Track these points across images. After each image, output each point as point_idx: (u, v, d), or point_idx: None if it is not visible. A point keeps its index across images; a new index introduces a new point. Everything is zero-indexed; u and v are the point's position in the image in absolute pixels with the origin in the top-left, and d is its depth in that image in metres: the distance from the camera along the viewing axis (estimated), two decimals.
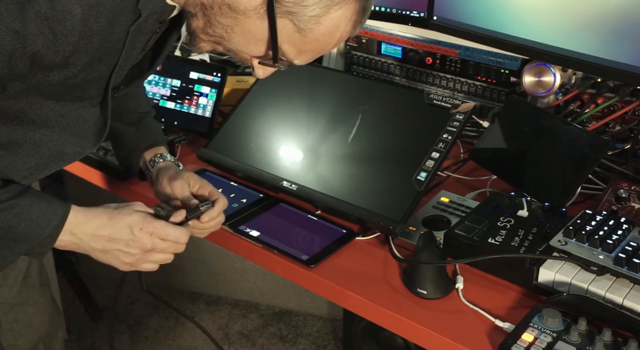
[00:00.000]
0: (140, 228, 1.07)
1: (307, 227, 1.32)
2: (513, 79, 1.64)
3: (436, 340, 1.06)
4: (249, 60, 1.06)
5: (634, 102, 1.45)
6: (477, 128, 1.63)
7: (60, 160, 1.10)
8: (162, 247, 1.09)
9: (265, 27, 0.99)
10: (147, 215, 1.09)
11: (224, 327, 2.48)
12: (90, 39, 0.91)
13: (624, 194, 1.29)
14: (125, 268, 1.10)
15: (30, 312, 1.50)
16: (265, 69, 1.07)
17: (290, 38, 1.00)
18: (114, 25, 0.93)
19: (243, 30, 1.00)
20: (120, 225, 1.06)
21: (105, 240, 1.06)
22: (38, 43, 0.88)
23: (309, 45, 1.02)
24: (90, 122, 1.08)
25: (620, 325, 1.01)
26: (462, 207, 1.33)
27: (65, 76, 0.96)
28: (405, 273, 1.18)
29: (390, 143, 1.38)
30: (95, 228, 1.06)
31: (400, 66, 1.82)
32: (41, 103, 1.01)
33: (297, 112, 1.50)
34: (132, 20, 0.96)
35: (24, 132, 1.03)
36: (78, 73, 0.96)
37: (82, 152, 1.11)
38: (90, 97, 1.05)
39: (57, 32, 0.88)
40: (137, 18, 0.96)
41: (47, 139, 1.06)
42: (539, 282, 1.11)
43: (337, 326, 2.45)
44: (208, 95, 1.64)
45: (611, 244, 1.09)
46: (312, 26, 0.98)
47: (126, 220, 1.07)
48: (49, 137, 1.06)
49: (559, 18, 1.39)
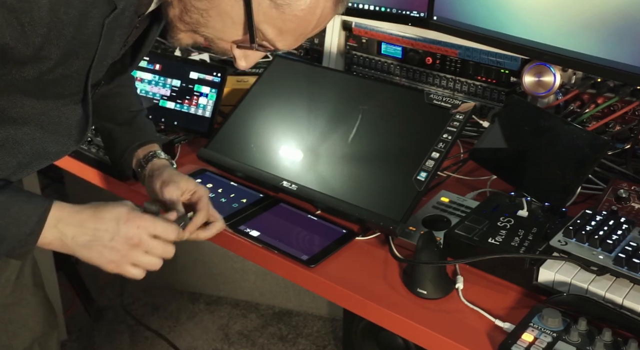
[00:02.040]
0: (126, 220, 1.02)
1: (307, 227, 1.32)
2: (513, 79, 1.64)
3: (436, 340, 1.06)
4: (229, 50, 1.04)
5: (634, 102, 1.45)
6: (477, 128, 1.63)
7: (43, 159, 1.07)
8: (150, 245, 1.04)
9: (241, 5, 0.96)
10: (135, 208, 1.05)
11: (224, 327, 2.48)
12: (61, 31, 0.90)
13: (624, 194, 1.29)
14: (110, 267, 1.04)
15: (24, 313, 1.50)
16: (247, 56, 1.04)
17: (268, 16, 0.97)
18: (86, 17, 0.91)
19: (219, 12, 0.98)
20: (105, 217, 1.02)
21: (89, 235, 1.01)
22: (6, 35, 0.87)
23: (289, 24, 0.98)
24: (73, 119, 1.06)
25: (620, 325, 1.01)
26: (462, 207, 1.33)
27: (40, 71, 0.94)
28: (405, 273, 1.18)
29: (390, 143, 1.38)
30: (79, 221, 1.01)
31: (400, 66, 1.82)
32: (22, 101, 0.99)
33: (297, 112, 1.50)
34: (108, 13, 0.94)
35: (6, 131, 1.01)
36: (53, 68, 0.94)
37: (66, 150, 1.09)
38: (71, 94, 1.03)
39: (25, 23, 0.86)
40: (112, 10, 0.94)
41: (29, 138, 1.04)
42: (539, 282, 1.11)
43: (337, 326, 2.45)
44: (208, 95, 1.64)
45: (611, 244, 1.09)
46: (289, 0, 0.96)
47: (112, 213, 1.02)
48: (31, 135, 1.04)
49: (559, 18, 1.39)
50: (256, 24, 0.98)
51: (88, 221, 1.02)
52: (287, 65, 1.61)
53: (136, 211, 1.05)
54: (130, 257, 1.03)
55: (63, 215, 1.01)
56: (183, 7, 0.99)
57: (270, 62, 1.62)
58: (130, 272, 1.05)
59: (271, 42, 1.01)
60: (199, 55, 1.91)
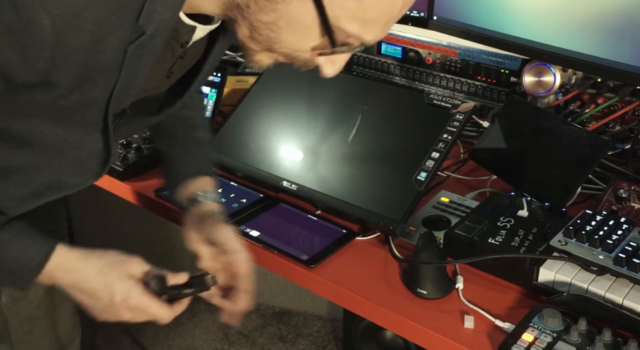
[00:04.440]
0: (123, 298, 0.98)
1: (307, 227, 1.32)
2: (513, 79, 1.64)
3: (436, 340, 1.06)
4: (313, 60, 0.92)
5: (634, 102, 1.45)
6: (477, 128, 1.63)
7: (57, 190, 1.03)
8: (142, 319, 1.01)
9: (311, 7, 0.84)
10: (136, 285, 1.00)
11: (224, 327, 2.48)
12: (68, 57, 0.81)
13: (624, 194, 1.29)
14: (102, 318, 1.02)
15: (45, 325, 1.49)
16: (333, 61, 0.93)
17: (345, 9, 0.84)
18: (101, 43, 0.82)
19: (288, 22, 0.86)
20: (104, 287, 0.98)
21: (85, 293, 0.99)
22: (6, 56, 0.79)
23: (371, 12, 0.85)
24: (94, 149, 0.99)
25: (620, 325, 1.01)
26: (462, 207, 1.33)
27: (53, 97, 0.86)
28: (405, 273, 1.18)
29: (390, 143, 1.38)
30: (77, 280, 0.99)
31: (400, 66, 1.82)
32: (41, 126, 0.92)
33: (297, 112, 1.50)
34: (132, 38, 0.84)
35: (23, 156, 0.96)
36: (67, 94, 0.87)
37: (83, 182, 1.04)
38: (92, 123, 0.95)
39: (25, 44, 0.78)
40: (138, 36, 0.84)
41: (46, 166, 0.98)
42: (539, 282, 1.11)
43: (337, 326, 2.45)
44: (208, 95, 1.64)
45: (611, 244, 1.09)
46: None
47: (112, 286, 0.98)
48: (49, 164, 0.98)
49: (559, 18, 1.39)
50: (333, 23, 0.85)
51: (86, 282, 0.99)
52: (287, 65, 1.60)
53: (136, 290, 1.00)
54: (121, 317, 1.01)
55: (62, 266, 0.98)
56: (249, 24, 0.87)
57: None
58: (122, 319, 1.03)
59: (357, 36, 0.88)
60: None
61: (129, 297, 0.99)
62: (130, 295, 0.99)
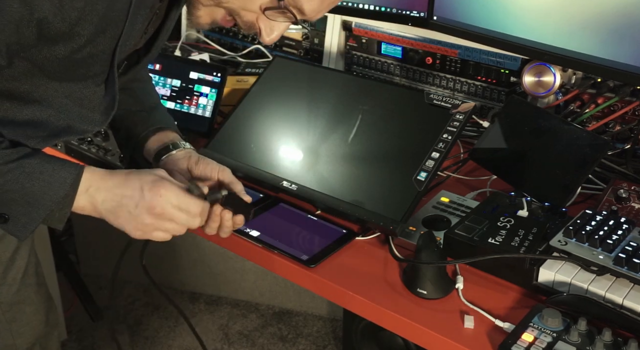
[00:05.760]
0: (150, 188, 1.00)
1: (307, 227, 1.32)
2: (513, 79, 1.64)
3: (436, 340, 1.06)
4: (255, 22, 1.02)
5: (634, 102, 1.45)
6: (477, 128, 1.63)
7: (71, 133, 1.10)
8: (173, 215, 1.02)
9: None
10: (164, 177, 1.04)
11: (224, 327, 2.48)
12: (95, 6, 0.91)
13: (624, 194, 1.29)
14: (137, 235, 1.03)
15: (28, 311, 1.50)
16: (272, 28, 1.02)
17: None
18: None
19: None
20: (132, 184, 1.01)
21: (116, 201, 1.01)
22: (45, 9, 0.87)
23: None
24: (95, 102, 1.07)
25: (620, 325, 1.01)
26: (462, 207, 1.33)
27: (71, 49, 0.95)
28: (405, 273, 1.18)
29: (390, 143, 1.38)
30: (108, 186, 1.01)
31: (400, 66, 1.82)
32: (45, 84, 1.00)
33: (297, 112, 1.50)
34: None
35: (31, 112, 1.03)
36: (83, 46, 0.95)
37: (92, 129, 1.11)
38: (94, 75, 1.04)
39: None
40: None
41: (53, 119, 1.05)
42: (539, 282, 1.11)
43: (337, 326, 2.45)
44: (208, 95, 1.64)
45: (611, 244, 1.09)
46: None
47: (139, 180, 1.01)
48: (55, 117, 1.06)
49: (559, 18, 1.39)
50: None
51: (116, 187, 1.01)
52: (287, 65, 1.61)
53: (164, 180, 1.03)
54: (154, 225, 1.02)
55: (94, 179, 1.01)
56: None
57: (270, 62, 1.62)
58: (155, 237, 1.04)
59: (297, 4, 0.99)
60: (199, 55, 1.91)
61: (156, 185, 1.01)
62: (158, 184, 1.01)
